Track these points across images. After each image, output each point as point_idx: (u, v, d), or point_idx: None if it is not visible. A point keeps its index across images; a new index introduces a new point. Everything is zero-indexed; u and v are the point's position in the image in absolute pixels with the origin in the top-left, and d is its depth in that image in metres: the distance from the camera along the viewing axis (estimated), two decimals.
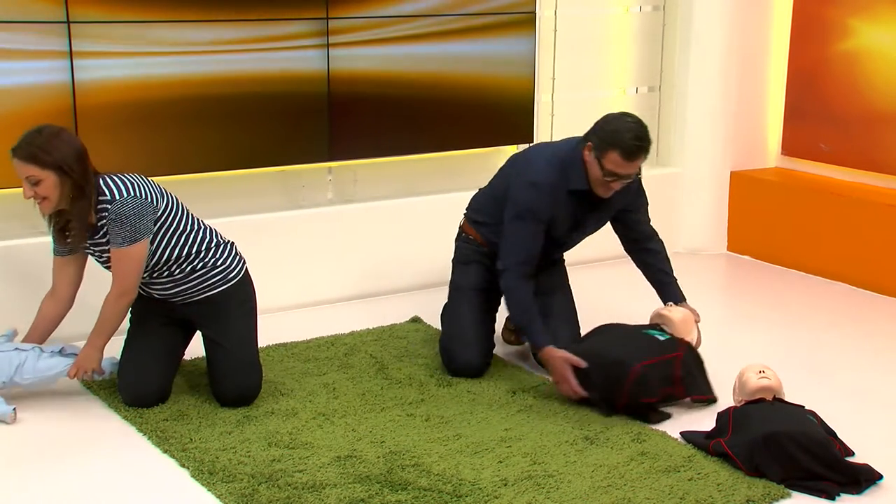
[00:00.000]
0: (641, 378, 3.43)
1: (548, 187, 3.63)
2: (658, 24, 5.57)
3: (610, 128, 3.52)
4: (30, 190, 3.32)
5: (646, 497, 2.95)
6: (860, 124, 5.21)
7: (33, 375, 3.45)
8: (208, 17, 4.26)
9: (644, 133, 3.52)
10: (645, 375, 3.43)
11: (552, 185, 3.63)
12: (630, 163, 3.50)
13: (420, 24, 4.74)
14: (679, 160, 5.62)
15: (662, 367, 3.50)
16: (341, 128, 4.63)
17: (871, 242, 4.97)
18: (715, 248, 5.67)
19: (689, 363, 3.56)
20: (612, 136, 3.50)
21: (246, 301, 3.64)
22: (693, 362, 3.60)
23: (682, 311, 3.78)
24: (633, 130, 3.49)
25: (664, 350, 3.55)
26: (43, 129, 3.34)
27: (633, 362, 3.44)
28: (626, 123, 3.52)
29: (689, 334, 3.70)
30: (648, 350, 3.52)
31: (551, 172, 3.64)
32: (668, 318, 3.72)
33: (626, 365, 3.44)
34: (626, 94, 5.61)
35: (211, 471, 3.07)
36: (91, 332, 3.50)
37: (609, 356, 3.49)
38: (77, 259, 3.54)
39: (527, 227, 3.65)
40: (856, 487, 3.02)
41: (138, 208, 3.36)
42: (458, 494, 2.94)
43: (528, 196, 3.64)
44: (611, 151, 3.48)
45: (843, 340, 4.34)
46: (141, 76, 4.17)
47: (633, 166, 3.53)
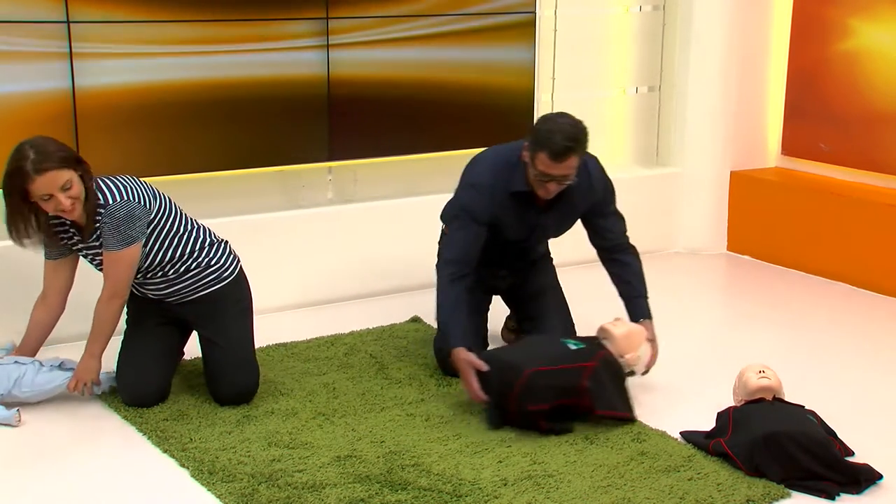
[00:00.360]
0: (530, 384, 3.26)
1: (486, 189, 3.60)
2: (658, 23, 5.57)
3: (544, 128, 3.46)
4: (66, 199, 3.24)
5: (645, 497, 2.95)
6: (860, 124, 5.21)
7: (31, 389, 3.45)
8: (208, 17, 4.26)
9: (576, 134, 3.43)
10: (534, 382, 3.27)
11: (491, 186, 3.60)
12: (558, 163, 3.42)
13: (420, 24, 4.74)
14: (679, 160, 5.62)
15: (564, 376, 3.32)
16: (341, 128, 4.63)
17: (871, 242, 4.97)
18: (715, 248, 5.67)
19: (600, 376, 3.36)
20: (542, 137, 3.43)
21: (241, 300, 3.64)
22: (608, 376, 3.39)
23: (629, 327, 3.61)
24: (564, 131, 3.41)
25: (573, 359, 3.37)
26: (40, 138, 3.29)
27: (524, 367, 3.29)
28: (558, 124, 3.44)
29: (630, 351, 3.53)
30: (552, 358, 3.36)
31: (492, 174, 3.62)
32: (610, 332, 3.56)
33: (518, 370, 3.29)
34: (626, 93, 5.61)
35: (211, 470, 3.07)
36: (87, 341, 3.49)
37: (506, 361, 3.36)
38: (69, 262, 3.53)
39: (463, 227, 3.61)
40: (856, 487, 3.02)
41: (131, 212, 3.35)
42: (458, 494, 2.94)
43: (467, 197, 3.64)
44: (540, 152, 3.43)
45: (843, 340, 4.34)
46: (141, 76, 4.16)
47: (564, 167, 3.44)
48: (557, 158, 3.42)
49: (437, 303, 3.61)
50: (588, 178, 3.68)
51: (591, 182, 3.70)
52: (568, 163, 3.44)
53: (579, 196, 3.68)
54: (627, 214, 5.47)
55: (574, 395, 3.32)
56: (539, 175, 3.48)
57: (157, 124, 4.24)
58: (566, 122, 3.47)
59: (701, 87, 5.49)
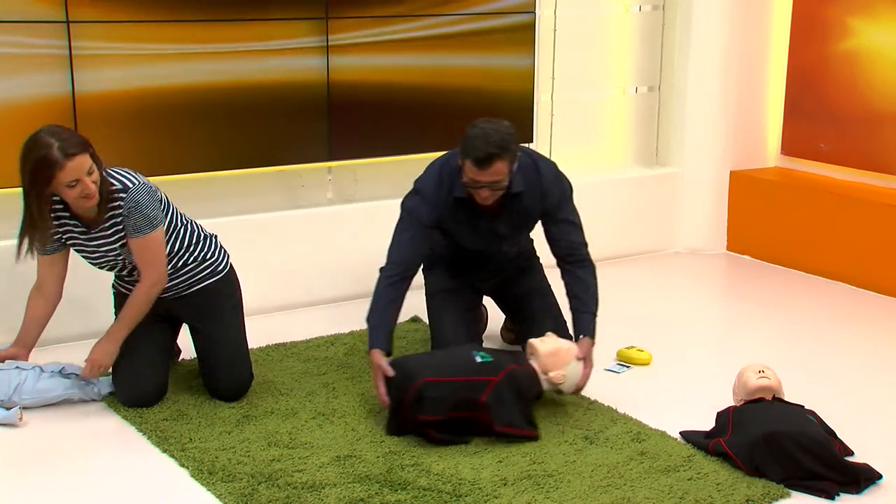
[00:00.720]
0: (419, 394, 3.20)
1: (429, 194, 3.59)
2: (658, 23, 5.57)
3: (469, 134, 3.41)
4: (90, 184, 3.24)
5: (645, 497, 2.95)
6: (860, 124, 5.21)
7: (32, 396, 3.45)
8: (208, 18, 4.26)
9: (499, 139, 3.36)
10: (425, 392, 3.20)
11: (434, 192, 3.59)
12: (483, 170, 3.37)
13: (419, 25, 4.74)
14: (678, 160, 5.62)
15: (462, 388, 3.24)
16: (341, 127, 4.63)
17: (871, 242, 4.97)
18: (714, 248, 5.67)
19: (502, 392, 3.26)
20: (467, 144, 3.39)
21: (233, 294, 3.67)
22: (511, 393, 3.27)
23: (557, 345, 3.45)
24: (488, 137, 3.35)
25: (475, 373, 3.28)
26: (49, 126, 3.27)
27: (417, 377, 3.23)
28: (482, 130, 3.38)
29: (554, 369, 3.40)
30: (453, 368, 3.29)
31: (435, 180, 3.60)
32: (535, 347, 3.44)
33: (411, 379, 3.24)
34: (626, 93, 5.61)
35: (210, 470, 3.07)
36: (113, 326, 3.49)
37: (405, 369, 3.30)
38: (64, 255, 3.52)
39: (406, 229, 3.59)
40: (855, 487, 3.02)
41: (152, 194, 3.38)
42: (458, 494, 2.94)
43: (411, 201, 3.63)
44: (466, 159, 3.40)
45: (843, 340, 4.34)
46: (141, 76, 4.16)
47: (490, 173, 3.38)
48: (481, 165, 3.37)
49: (371, 301, 3.58)
50: (539, 182, 3.61)
51: (542, 186, 3.61)
52: (494, 169, 3.38)
53: (530, 200, 3.62)
54: (627, 214, 5.51)
55: (472, 408, 3.23)
56: (468, 182, 3.44)
57: (158, 124, 4.24)
58: (490, 127, 3.40)
59: (701, 87, 5.49)
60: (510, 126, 3.45)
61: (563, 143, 5.39)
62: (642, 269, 5.35)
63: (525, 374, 3.36)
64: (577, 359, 3.46)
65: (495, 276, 3.93)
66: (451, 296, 3.88)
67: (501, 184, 3.45)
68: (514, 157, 3.46)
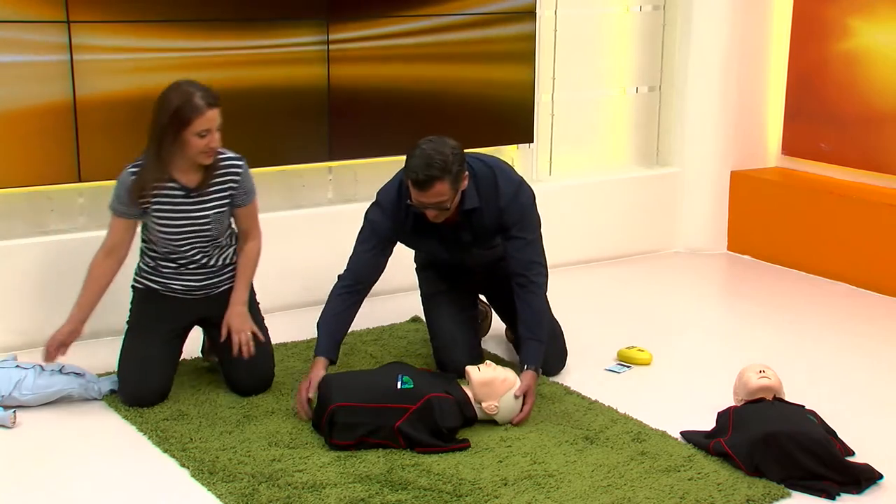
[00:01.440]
0: (332, 418, 3.19)
1: (388, 205, 3.56)
2: (658, 23, 5.57)
3: (410, 155, 3.35)
4: (217, 139, 3.39)
5: (646, 497, 2.95)
6: (860, 124, 5.20)
7: (32, 392, 3.46)
8: (210, 18, 4.26)
9: (440, 161, 3.29)
10: (335, 417, 3.19)
11: (392, 203, 3.55)
12: (423, 192, 3.32)
13: (420, 25, 4.73)
14: (679, 160, 5.61)
15: (377, 415, 3.20)
16: (341, 127, 4.63)
17: (872, 242, 4.97)
18: (715, 248, 5.67)
19: (417, 422, 3.20)
20: (407, 165, 3.35)
21: (254, 293, 3.72)
22: (424, 423, 3.21)
23: (492, 375, 3.36)
24: (427, 159, 3.29)
25: (392, 399, 3.24)
26: (186, 80, 3.43)
27: (331, 401, 3.22)
28: (422, 151, 3.33)
29: (487, 400, 3.33)
30: (370, 393, 3.26)
31: (395, 193, 3.56)
32: (469, 375, 3.37)
33: (326, 403, 3.24)
34: (627, 93, 5.61)
35: (211, 470, 3.07)
36: (237, 291, 3.60)
37: (324, 392, 3.30)
38: (136, 224, 3.56)
39: (366, 241, 3.58)
40: (856, 487, 3.02)
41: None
42: (458, 494, 2.94)
43: (372, 211, 3.61)
44: (407, 181, 3.37)
45: (843, 340, 4.34)
46: (141, 77, 4.16)
47: (431, 195, 3.32)
48: (421, 187, 3.32)
49: (323, 308, 3.58)
50: (496, 198, 3.53)
51: (499, 204, 3.53)
52: (434, 190, 3.33)
53: (488, 216, 3.55)
54: (627, 214, 5.51)
55: (385, 435, 3.20)
56: (414, 203, 3.40)
57: None
58: (432, 147, 3.33)
59: (701, 87, 5.49)
60: (455, 146, 3.38)
61: (563, 143, 5.39)
62: (643, 269, 5.35)
63: (447, 402, 3.27)
64: (515, 395, 3.37)
65: (484, 278, 3.92)
66: (446, 297, 3.87)
67: (444, 204, 3.38)
68: (458, 178, 3.38)
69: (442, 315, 3.85)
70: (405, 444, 3.20)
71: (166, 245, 3.52)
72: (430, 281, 3.93)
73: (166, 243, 3.51)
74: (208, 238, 3.55)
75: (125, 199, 3.46)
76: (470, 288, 3.96)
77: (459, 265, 3.83)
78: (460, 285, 3.91)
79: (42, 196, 4.16)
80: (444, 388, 3.35)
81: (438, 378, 3.46)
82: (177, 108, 3.33)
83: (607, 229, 5.40)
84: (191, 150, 3.39)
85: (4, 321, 3.99)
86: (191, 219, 3.49)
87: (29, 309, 4.03)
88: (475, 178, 3.51)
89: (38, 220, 4.18)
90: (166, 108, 3.35)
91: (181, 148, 3.39)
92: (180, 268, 3.57)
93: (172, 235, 3.50)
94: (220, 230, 3.57)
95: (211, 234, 3.54)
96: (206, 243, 3.55)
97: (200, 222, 3.51)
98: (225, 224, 3.58)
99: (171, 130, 3.36)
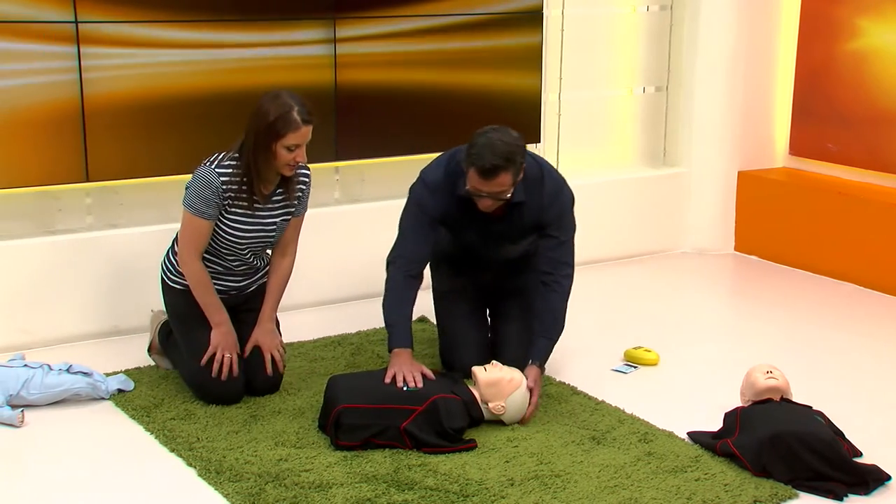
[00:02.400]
0: (338, 420, 3.20)
1: (434, 185, 3.58)
2: (665, 23, 5.56)
3: (477, 143, 3.36)
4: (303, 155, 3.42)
5: (652, 497, 2.95)
6: (868, 124, 5.19)
7: (40, 391, 3.46)
8: (215, 18, 4.27)
9: (507, 151, 3.32)
10: (342, 419, 3.20)
11: (438, 184, 3.58)
12: (487, 181, 3.34)
13: (426, 24, 4.73)
14: (686, 160, 5.61)
15: (383, 415, 3.21)
16: (348, 128, 4.63)
17: (879, 243, 4.96)
18: (722, 248, 5.66)
19: (423, 422, 3.21)
20: (472, 152, 3.36)
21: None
22: (430, 425, 3.21)
23: (499, 375, 3.37)
24: (495, 148, 3.31)
25: (399, 400, 3.26)
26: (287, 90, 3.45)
27: (337, 403, 3.23)
28: (490, 140, 3.34)
29: (494, 400, 3.34)
30: (377, 394, 3.27)
31: (442, 173, 3.59)
32: (475, 375, 3.38)
33: (332, 404, 3.26)
34: (634, 93, 5.60)
35: (218, 470, 3.07)
36: (267, 309, 3.64)
37: (330, 393, 3.31)
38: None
39: (413, 220, 3.60)
40: (864, 488, 3.01)
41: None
42: (465, 494, 2.94)
43: (417, 191, 3.63)
44: (470, 167, 3.38)
45: (851, 340, 4.33)
46: (148, 77, 4.17)
47: (494, 184, 3.35)
48: (486, 176, 3.34)
49: (385, 296, 3.58)
50: (541, 199, 3.56)
51: (542, 202, 3.57)
52: (498, 180, 3.35)
53: (529, 214, 3.58)
54: (634, 214, 5.51)
55: (392, 436, 3.20)
56: (472, 190, 3.42)
57: (165, 125, 4.25)
58: (498, 138, 3.35)
59: (708, 87, 5.48)
60: (518, 137, 3.41)
61: (570, 143, 5.38)
62: (650, 269, 5.35)
63: (453, 403, 3.28)
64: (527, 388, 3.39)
65: (498, 275, 3.92)
66: (459, 297, 3.88)
67: (503, 195, 3.41)
68: (520, 169, 3.42)
69: (453, 313, 3.86)
70: (411, 445, 3.21)
71: (230, 248, 3.52)
72: (444, 279, 3.93)
73: (231, 246, 3.52)
74: (269, 243, 3.59)
75: (211, 201, 3.43)
76: (482, 290, 3.95)
77: (480, 261, 3.83)
78: (474, 284, 3.91)
79: (50, 196, 4.17)
80: (450, 388, 3.35)
81: (444, 379, 3.46)
82: (273, 120, 3.34)
83: (614, 229, 5.40)
84: (277, 161, 3.40)
85: (12, 320, 3.99)
86: (260, 224, 3.52)
87: (36, 308, 4.04)
88: (524, 173, 3.52)
89: (45, 220, 4.19)
90: (263, 119, 3.36)
91: (267, 157, 3.40)
92: (227, 270, 3.59)
93: (240, 239, 3.51)
94: (280, 236, 3.61)
95: (273, 239, 3.58)
96: (264, 247, 3.60)
97: (268, 228, 3.54)
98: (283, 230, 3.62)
99: (265, 140, 3.37)
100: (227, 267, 3.58)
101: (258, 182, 3.44)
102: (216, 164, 3.44)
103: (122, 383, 3.60)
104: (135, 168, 4.23)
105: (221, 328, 3.53)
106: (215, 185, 3.41)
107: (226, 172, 3.43)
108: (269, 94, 3.42)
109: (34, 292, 4.04)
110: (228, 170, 3.43)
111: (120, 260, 4.15)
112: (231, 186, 3.43)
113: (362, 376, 3.53)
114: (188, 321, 3.58)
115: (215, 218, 3.47)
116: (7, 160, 3.97)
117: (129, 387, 3.62)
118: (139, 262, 4.07)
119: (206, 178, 3.42)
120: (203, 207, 3.43)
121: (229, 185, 3.43)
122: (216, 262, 3.57)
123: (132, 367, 3.81)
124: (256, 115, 3.39)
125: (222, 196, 3.42)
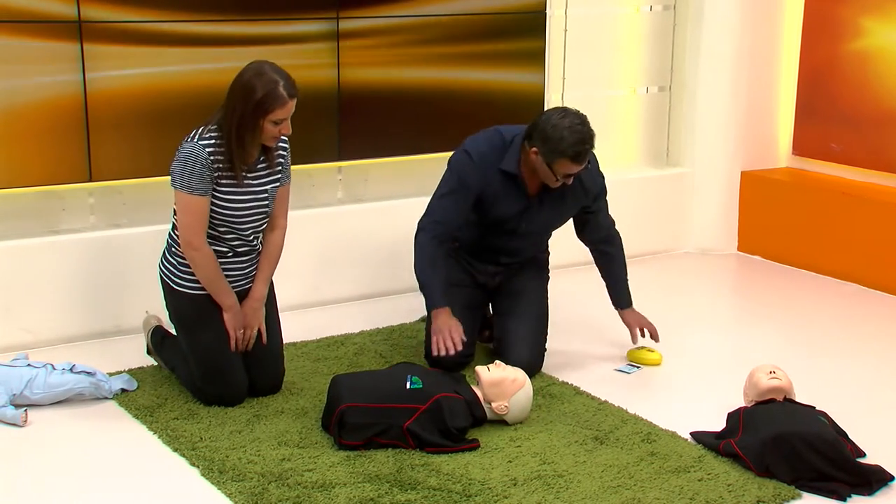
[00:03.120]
0: (341, 419, 3.20)
1: (478, 157, 3.66)
2: (669, 23, 5.56)
3: (555, 135, 3.50)
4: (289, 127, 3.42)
5: (655, 497, 2.95)
6: (872, 124, 5.19)
7: (43, 391, 3.46)
8: (219, 17, 4.27)
9: (588, 132, 3.53)
10: (345, 418, 3.20)
11: (482, 155, 3.66)
12: (579, 164, 3.55)
13: (430, 24, 4.73)
14: (689, 160, 5.60)
15: (386, 415, 3.21)
16: (351, 127, 4.63)
17: (883, 243, 4.96)
18: (725, 248, 5.65)
19: (426, 422, 3.21)
20: (557, 145, 3.50)
21: (273, 289, 3.72)
22: (434, 424, 3.21)
23: (503, 374, 3.37)
24: (579, 134, 3.50)
25: (402, 399, 3.25)
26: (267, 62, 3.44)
27: (340, 402, 3.23)
28: (569, 128, 3.51)
29: (497, 400, 3.34)
30: (380, 393, 3.27)
31: (488, 146, 3.68)
32: (479, 377, 3.38)
33: (335, 403, 3.26)
34: (637, 93, 5.60)
35: (221, 470, 3.07)
36: (257, 285, 3.58)
37: (333, 392, 3.31)
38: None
39: (454, 192, 3.67)
40: (867, 488, 3.01)
41: None
42: (468, 494, 2.94)
43: (459, 161, 3.69)
44: (560, 158, 3.52)
45: (854, 341, 4.32)
46: (152, 76, 4.17)
47: (583, 164, 3.57)
48: (579, 160, 3.53)
49: (416, 259, 3.66)
50: (580, 181, 3.72)
51: (582, 185, 3.74)
52: (587, 159, 3.57)
53: (571, 196, 3.72)
54: (637, 215, 5.50)
55: (395, 435, 3.20)
56: (562, 177, 3.57)
57: (168, 124, 4.24)
58: (575, 123, 3.53)
59: (712, 87, 5.48)
60: (582, 113, 3.58)
61: None
62: (653, 269, 5.35)
63: (456, 403, 3.28)
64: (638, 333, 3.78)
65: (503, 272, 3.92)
66: (455, 290, 3.87)
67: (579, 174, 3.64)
68: None
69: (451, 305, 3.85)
70: (414, 445, 3.21)
71: (229, 225, 3.48)
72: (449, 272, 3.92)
73: (230, 223, 3.48)
74: (264, 214, 3.54)
75: (203, 175, 3.39)
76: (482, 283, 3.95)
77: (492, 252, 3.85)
78: (475, 280, 3.91)
79: (53, 196, 4.18)
80: (453, 388, 3.35)
81: (448, 378, 3.46)
82: (261, 97, 3.33)
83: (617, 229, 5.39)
84: (263, 134, 3.41)
85: (16, 320, 4.00)
86: (252, 194, 3.49)
87: (40, 308, 4.04)
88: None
89: (49, 220, 4.20)
90: (250, 95, 3.33)
91: (254, 132, 3.39)
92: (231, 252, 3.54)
93: (237, 213, 3.47)
94: (272, 206, 3.57)
95: (268, 208, 3.54)
96: (261, 220, 3.55)
97: (261, 197, 3.51)
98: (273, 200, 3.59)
99: (253, 116, 3.35)
100: (231, 248, 3.53)
101: (242, 153, 3.42)
102: (198, 138, 3.41)
103: (126, 383, 3.61)
104: (138, 168, 4.23)
105: (234, 309, 3.53)
106: (203, 158, 3.37)
107: (210, 144, 3.39)
108: (252, 67, 3.39)
109: (37, 292, 4.04)
110: (212, 141, 3.40)
111: (123, 260, 4.16)
112: (218, 157, 3.40)
113: (365, 376, 3.53)
114: (193, 326, 3.56)
115: (210, 193, 3.42)
116: (10, 159, 3.97)
117: (132, 386, 3.62)
118: (142, 261, 4.07)
119: (192, 153, 3.38)
120: (196, 183, 3.39)
121: (216, 155, 3.40)
122: (218, 247, 3.52)
123: (135, 367, 3.81)
124: (242, 90, 3.35)
125: (212, 168, 3.39)
